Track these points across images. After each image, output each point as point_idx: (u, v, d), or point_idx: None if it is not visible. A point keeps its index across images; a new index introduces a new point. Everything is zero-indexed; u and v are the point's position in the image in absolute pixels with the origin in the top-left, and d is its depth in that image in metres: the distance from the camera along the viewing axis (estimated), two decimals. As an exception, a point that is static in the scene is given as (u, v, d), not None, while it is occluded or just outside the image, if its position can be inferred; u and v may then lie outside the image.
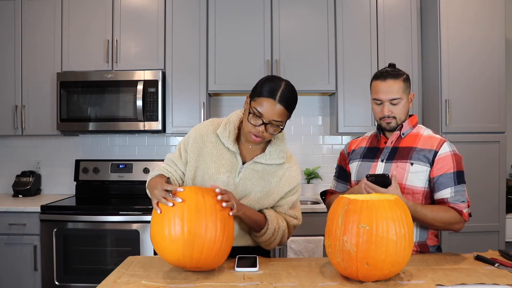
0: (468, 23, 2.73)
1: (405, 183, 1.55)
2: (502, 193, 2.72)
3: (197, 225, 1.21)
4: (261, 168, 1.50)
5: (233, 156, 1.50)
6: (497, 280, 1.21)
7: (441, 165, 1.54)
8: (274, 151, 1.51)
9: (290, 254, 2.64)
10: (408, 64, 2.98)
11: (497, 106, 2.73)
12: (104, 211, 2.66)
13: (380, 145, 1.68)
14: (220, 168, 1.49)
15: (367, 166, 1.65)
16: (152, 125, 2.93)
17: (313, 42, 3.01)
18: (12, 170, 3.34)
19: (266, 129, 1.39)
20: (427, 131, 1.64)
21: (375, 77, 1.62)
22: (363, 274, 1.17)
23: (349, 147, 1.79)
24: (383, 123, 1.61)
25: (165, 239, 1.22)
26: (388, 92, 1.56)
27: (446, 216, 1.50)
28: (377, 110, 1.61)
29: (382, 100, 1.58)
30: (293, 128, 3.35)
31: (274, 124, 1.39)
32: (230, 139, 1.49)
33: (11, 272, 2.70)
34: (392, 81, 1.56)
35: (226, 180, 1.48)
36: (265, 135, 1.41)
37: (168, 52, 3.01)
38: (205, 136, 1.53)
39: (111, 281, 1.23)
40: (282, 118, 1.39)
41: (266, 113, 1.37)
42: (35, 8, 3.03)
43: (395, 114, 1.58)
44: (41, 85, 3.02)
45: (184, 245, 1.20)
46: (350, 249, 1.15)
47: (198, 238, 1.21)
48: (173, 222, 1.22)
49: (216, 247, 1.24)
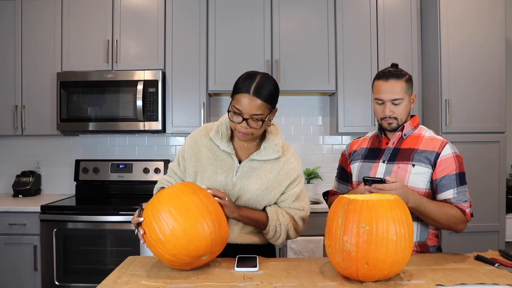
0: (468, 23, 2.73)
1: (407, 185, 1.55)
2: (502, 193, 2.72)
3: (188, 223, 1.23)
4: (258, 165, 1.51)
5: (229, 156, 1.51)
6: (497, 280, 1.21)
7: (444, 167, 1.54)
8: (269, 146, 1.51)
9: (290, 254, 2.64)
10: (408, 64, 2.98)
11: (497, 106, 2.73)
12: (104, 211, 2.66)
13: (381, 146, 1.67)
14: (217, 170, 1.49)
15: (369, 167, 1.64)
16: (152, 125, 2.93)
17: (313, 42, 3.01)
18: (12, 170, 3.34)
19: (248, 124, 1.39)
20: (429, 132, 1.64)
21: (378, 77, 1.61)
22: (363, 274, 1.17)
23: (350, 147, 1.78)
24: (384, 123, 1.61)
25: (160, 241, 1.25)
26: (390, 92, 1.55)
27: (451, 212, 1.50)
28: (379, 110, 1.61)
29: (384, 100, 1.57)
30: (293, 128, 3.35)
31: (255, 118, 1.39)
32: (223, 140, 1.50)
33: (11, 272, 2.70)
34: (394, 81, 1.56)
35: (224, 181, 1.49)
36: (250, 130, 1.41)
37: (168, 52, 3.01)
38: (199, 141, 1.55)
39: (111, 281, 1.24)
40: (262, 111, 1.39)
41: (244, 109, 1.38)
42: (35, 8, 3.03)
43: (396, 114, 1.58)
44: (41, 85, 3.02)
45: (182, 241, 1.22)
46: (350, 249, 1.15)
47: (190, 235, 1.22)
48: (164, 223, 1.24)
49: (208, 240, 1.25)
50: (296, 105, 3.34)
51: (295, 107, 3.34)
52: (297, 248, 2.63)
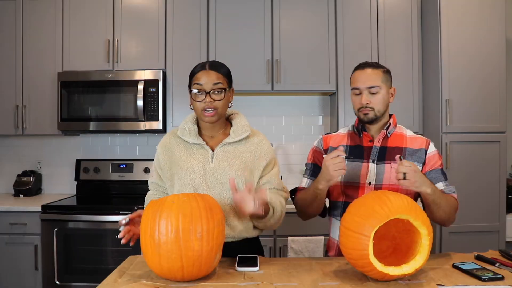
0: (468, 23, 2.73)
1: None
2: (503, 192, 2.73)
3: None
4: (232, 148, 1.53)
5: (201, 147, 1.53)
6: (498, 280, 1.21)
7: (432, 163, 1.57)
8: (237, 128, 1.55)
9: (291, 254, 2.64)
10: (409, 64, 2.99)
11: (497, 106, 2.73)
12: (105, 211, 2.66)
13: (363, 144, 1.61)
14: (192, 162, 1.51)
15: (357, 166, 1.57)
16: (152, 125, 2.93)
17: (314, 42, 3.01)
18: (13, 170, 3.34)
19: (212, 97, 1.46)
20: (409, 131, 1.64)
21: (355, 69, 1.60)
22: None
23: (324, 143, 1.68)
24: (361, 114, 1.56)
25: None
26: (367, 80, 1.53)
27: (450, 198, 1.52)
28: (356, 101, 1.57)
29: (360, 89, 1.54)
30: (293, 128, 3.36)
31: (216, 90, 1.46)
32: (191, 134, 1.53)
33: (12, 272, 2.70)
34: (371, 70, 1.55)
35: (202, 170, 1.49)
36: (215, 104, 1.46)
37: (169, 52, 3.01)
38: (168, 144, 1.58)
39: (111, 280, 1.24)
40: (221, 81, 1.48)
41: (204, 82, 1.46)
42: (36, 8, 3.03)
43: (373, 104, 1.53)
44: (42, 85, 3.02)
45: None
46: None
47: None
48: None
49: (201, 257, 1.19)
50: (296, 105, 3.34)
51: (295, 107, 3.34)
52: (297, 247, 2.64)
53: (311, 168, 1.69)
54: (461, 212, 2.63)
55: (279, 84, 2.98)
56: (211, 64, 1.50)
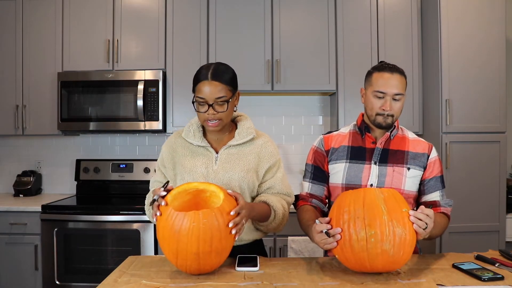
0: (468, 23, 2.73)
1: (403, 189, 1.53)
2: (502, 192, 2.73)
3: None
4: (236, 151, 1.53)
5: (205, 149, 1.54)
6: (498, 280, 1.21)
7: (432, 169, 1.56)
8: (242, 130, 1.54)
9: (291, 254, 2.64)
10: (409, 64, 2.99)
11: (498, 106, 2.73)
12: (105, 211, 2.66)
13: (366, 145, 1.58)
14: (195, 163, 1.51)
15: (359, 168, 1.55)
16: (152, 125, 2.93)
17: (314, 42, 3.01)
18: (13, 170, 3.34)
19: (215, 109, 1.43)
20: (411, 133, 1.63)
21: (379, 68, 1.51)
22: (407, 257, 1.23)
23: (325, 144, 1.64)
24: (380, 118, 1.51)
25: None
26: (395, 86, 1.48)
27: (444, 221, 1.51)
28: (377, 104, 1.50)
29: (387, 94, 1.48)
30: (294, 128, 3.36)
31: (219, 102, 1.43)
32: (196, 136, 1.53)
33: (12, 272, 2.70)
34: (399, 75, 1.50)
35: (205, 171, 1.49)
36: (218, 116, 1.44)
37: (169, 52, 3.01)
38: (173, 144, 1.58)
39: (111, 280, 1.24)
40: (224, 93, 1.43)
41: (207, 95, 1.41)
42: (36, 8, 3.03)
43: (394, 111, 1.50)
44: (42, 85, 3.02)
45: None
46: (402, 233, 1.18)
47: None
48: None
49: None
50: (296, 105, 3.34)
51: (295, 107, 3.34)
52: (297, 247, 2.64)
53: (312, 170, 1.65)
54: (461, 212, 2.65)
55: (279, 84, 2.98)
56: (214, 73, 1.42)
